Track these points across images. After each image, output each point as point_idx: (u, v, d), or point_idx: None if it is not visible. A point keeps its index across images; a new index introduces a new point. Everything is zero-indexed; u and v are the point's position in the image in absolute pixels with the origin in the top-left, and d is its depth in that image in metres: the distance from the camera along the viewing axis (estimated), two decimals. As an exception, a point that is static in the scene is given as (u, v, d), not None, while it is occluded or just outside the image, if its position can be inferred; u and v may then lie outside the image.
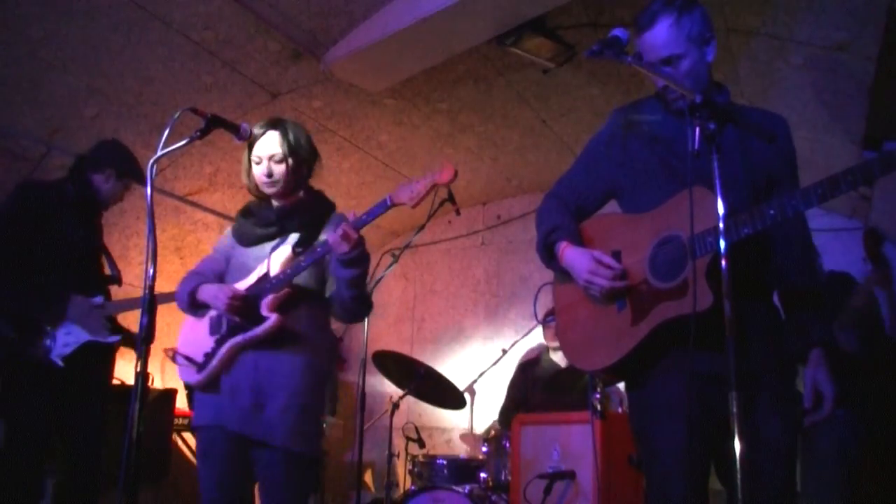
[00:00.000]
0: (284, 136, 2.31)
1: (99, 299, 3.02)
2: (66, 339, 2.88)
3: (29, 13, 3.20)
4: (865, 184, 1.59)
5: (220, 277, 2.38)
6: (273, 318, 2.17)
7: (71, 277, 2.97)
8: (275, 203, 2.38)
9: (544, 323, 4.34)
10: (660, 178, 1.86)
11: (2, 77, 3.49)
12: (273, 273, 2.24)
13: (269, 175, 2.29)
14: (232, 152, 4.34)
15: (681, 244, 1.73)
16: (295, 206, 2.36)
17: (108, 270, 3.23)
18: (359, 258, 2.15)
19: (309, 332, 2.26)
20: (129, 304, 3.07)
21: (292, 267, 2.22)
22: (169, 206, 4.62)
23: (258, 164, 2.30)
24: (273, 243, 2.32)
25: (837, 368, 1.77)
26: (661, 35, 1.79)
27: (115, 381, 3.34)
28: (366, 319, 3.56)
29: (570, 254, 1.90)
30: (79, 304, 2.92)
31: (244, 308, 2.21)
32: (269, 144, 2.29)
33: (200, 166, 4.46)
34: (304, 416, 2.18)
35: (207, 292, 2.26)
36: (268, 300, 2.20)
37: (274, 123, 2.33)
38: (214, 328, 2.30)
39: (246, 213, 2.44)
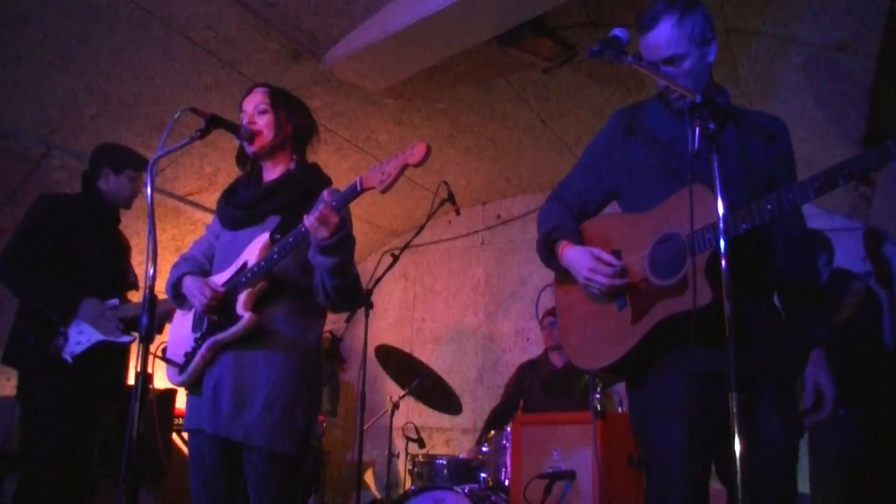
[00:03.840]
0: (270, 90, 2.27)
1: (114, 301, 3.05)
2: (79, 339, 2.93)
3: (29, 13, 3.20)
4: (862, 177, 1.59)
5: (212, 260, 2.29)
6: (246, 317, 2.04)
7: (90, 283, 3.02)
8: (265, 176, 2.27)
9: (543, 325, 4.34)
10: (660, 179, 1.86)
11: (2, 77, 3.49)
12: (250, 264, 2.09)
13: (251, 123, 2.19)
14: (232, 152, 4.30)
15: (680, 242, 1.73)
16: (278, 183, 2.21)
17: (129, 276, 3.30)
18: (340, 244, 1.93)
19: (290, 327, 2.12)
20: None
21: (266, 258, 2.06)
22: (169, 206, 4.62)
23: (244, 119, 2.21)
24: (256, 227, 2.18)
25: (839, 368, 1.78)
26: (663, 35, 1.80)
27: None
28: (366, 320, 3.55)
29: (570, 252, 1.90)
30: (91, 305, 2.96)
31: (221, 306, 2.10)
32: (254, 97, 2.25)
33: (200, 166, 4.46)
34: (286, 414, 2.05)
35: (188, 286, 2.16)
36: (242, 297, 2.07)
37: (263, 84, 2.31)
38: (196, 325, 2.20)
39: (228, 192, 2.31)
